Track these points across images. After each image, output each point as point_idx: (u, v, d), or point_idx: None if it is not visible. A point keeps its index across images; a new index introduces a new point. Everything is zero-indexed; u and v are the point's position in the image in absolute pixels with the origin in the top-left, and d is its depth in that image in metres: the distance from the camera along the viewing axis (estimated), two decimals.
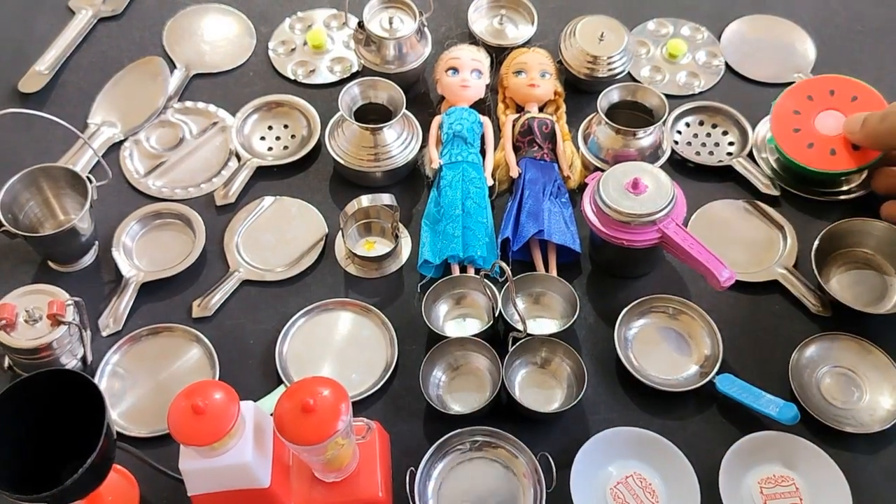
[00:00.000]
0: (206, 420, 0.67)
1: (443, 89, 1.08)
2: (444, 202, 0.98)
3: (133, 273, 0.97)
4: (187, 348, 0.93)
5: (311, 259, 0.99)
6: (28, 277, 0.97)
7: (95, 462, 0.67)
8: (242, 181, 1.05)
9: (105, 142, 1.09)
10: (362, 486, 0.77)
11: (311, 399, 0.67)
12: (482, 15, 1.20)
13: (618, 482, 0.83)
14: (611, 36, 1.10)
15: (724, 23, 1.22)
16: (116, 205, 1.03)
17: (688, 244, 0.88)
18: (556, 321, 0.93)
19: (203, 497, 0.72)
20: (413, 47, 1.09)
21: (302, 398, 0.67)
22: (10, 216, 0.93)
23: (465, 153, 1.01)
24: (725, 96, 1.14)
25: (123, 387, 0.90)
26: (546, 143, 1.03)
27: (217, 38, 1.21)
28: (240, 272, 0.98)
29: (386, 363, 0.91)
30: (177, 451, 0.70)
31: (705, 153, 1.08)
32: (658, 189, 0.90)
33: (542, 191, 0.98)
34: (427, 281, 0.96)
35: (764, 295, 0.97)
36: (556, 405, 0.87)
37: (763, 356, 0.92)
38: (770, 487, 0.82)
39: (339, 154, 1.03)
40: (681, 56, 1.18)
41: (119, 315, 0.94)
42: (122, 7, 1.24)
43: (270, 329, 0.94)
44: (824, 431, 0.86)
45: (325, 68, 1.17)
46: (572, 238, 0.96)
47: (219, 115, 1.12)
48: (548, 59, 1.10)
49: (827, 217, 1.01)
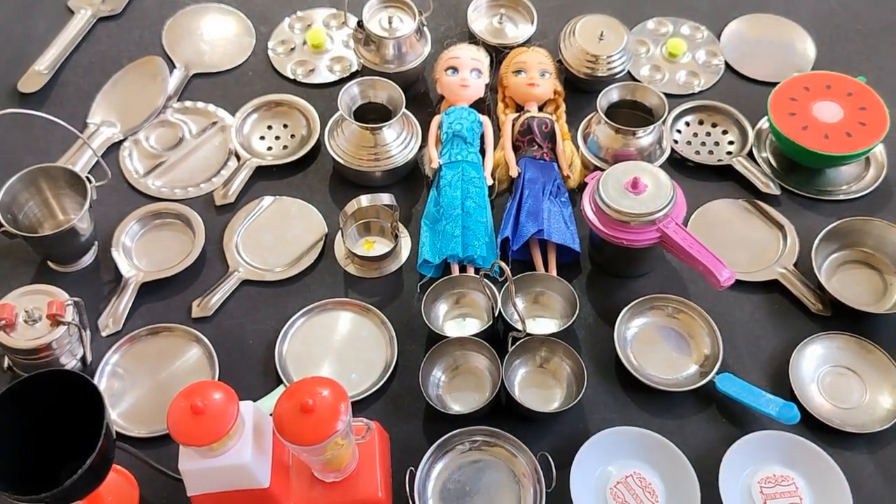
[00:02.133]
0: (206, 420, 0.67)
1: (442, 89, 1.08)
2: (444, 202, 0.98)
3: (132, 273, 0.97)
4: (187, 348, 0.93)
5: (311, 259, 0.99)
6: (28, 277, 0.97)
7: (95, 462, 0.67)
8: (242, 181, 1.05)
9: (104, 142, 1.09)
10: (362, 486, 0.77)
11: (310, 399, 0.67)
12: (482, 14, 1.20)
13: (618, 482, 0.83)
14: (610, 35, 1.10)
15: (723, 22, 1.22)
16: (116, 205, 1.02)
17: (687, 244, 0.88)
18: (555, 321, 0.93)
19: (202, 497, 0.72)
20: (412, 47, 1.09)
21: (301, 398, 0.67)
22: (9, 216, 0.93)
23: (464, 153, 1.01)
24: (725, 95, 1.14)
25: (123, 387, 0.90)
26: (546, 143, 1.03)
27: (216, 38, 1.21)
28: (239, 272, 0.98)
29: (385, 363, 0.91)
30: (176, 451, 0.70)
31: (705, 152, 1.08)
32: (658, 188, 0.90)
33: (542, 190, 0.98)
34: (427, 281, 0.96)
35: (764, 295, 0.97)
36: (555, 405, 0.87)
37: (763, 356, 0.92)
38: (770, 487, 0.82)
39: (338, 154, 1.03)
40: (680, 55, 1.18)
41: (118, 315, 0.94)
42: (121, 7, 1.24)
43: (270, 329, 0.94)
44: (824, 431, 0.86)
45: (325, 68, 1.17)
46: (572, 238, 0.96)
47: (218, 114, 1.12)
48: (547, 58, 1.10)
49: (827, 217, 1.01)
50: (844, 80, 1.05)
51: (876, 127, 1.00)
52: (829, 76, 1.06)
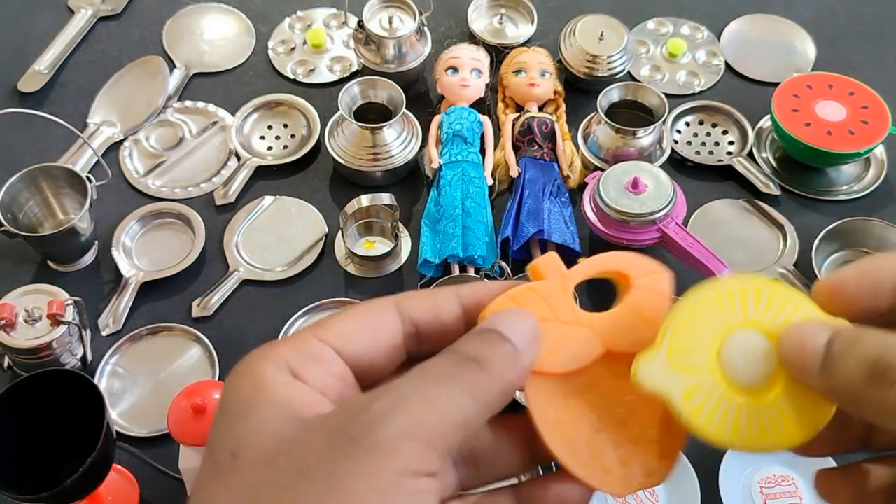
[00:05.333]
0: (206, 420, 0.67)
1: (442, 89, 1.08)
2: (444, 202, 0.98)
3: (133, 273, 0.97)
4: (187, 348, 0.93)
5: (311, 259, 0.99)
6: (28, 277, 0.97)
7: (95, 462, 0.67)
8: (242, 181, 1.05)
9: (104, 141, 1.09)
10: None
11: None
12: (482, 14, 1.20)
13: None
14: (611, 35, 1.10)
15: (723, 22, 1.22)
16: (116, 204, 1.02)
17: (688, 244, 0.88)
18: None
19: None
20: (413, 46, 1.09)
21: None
22: (9, 216, 0.93)
23: (464, 153, 1.01)
24: (725, 95, 1.14)
25: (123, 386, 0.90)
26: (546, 143, 1.03)
27: (217, 38, 1.21)
28: (239, 272, 0.98)
29: None
30: (177, 451, 0.70)
31: (705, 152, 1.08)
32: (658, 188, 0.90)
33: (542, 190, 0.98)
34: (427, 281, 0.96)
35: None
36: None
37: None
38: (770, 487, 0.82)
39: (338, 153, 1.03)
40: (680, 55, 1.18)
41: (119, 315, 0.94)
42: (121, 6, 1.23)
43: (270, 329, 0.94)
44: None
45: (325, 68, 1.17)
46: (572, 238, 0.96)
47: (218, 114, 1.12)
48: (547, 58, 1.10)
49: (827, 217, 1.01)
50: (846, 80, 1.05)
51: (878, 125, 1.00)
52: (831, 77, 1.06)
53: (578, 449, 0.36)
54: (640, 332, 0.38)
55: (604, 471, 0.36)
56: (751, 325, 0.36)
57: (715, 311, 0.37)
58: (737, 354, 0.36)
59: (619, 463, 0.36)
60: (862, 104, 1.03)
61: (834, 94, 1.04)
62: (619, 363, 0.38)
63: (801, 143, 1.00)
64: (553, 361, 0.37)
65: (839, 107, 1.02)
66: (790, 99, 1.04)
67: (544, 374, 0.37)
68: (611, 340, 0.38)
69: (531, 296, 0.38)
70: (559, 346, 0.38)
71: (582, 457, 0.36)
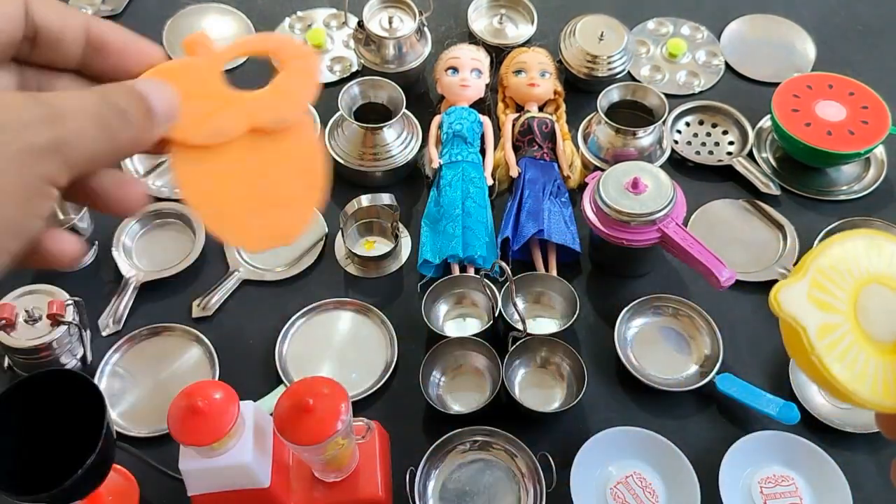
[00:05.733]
0: (206, 420, 0.67)
1: (442, 89, 1.08)
2: (444, 202, 0.98)
3: (133, 273, 0.97)
4: (187, 348, 0.93)
5: (311, 259, 0.99)
6: (28, 277, 0.97)
7: (95, 462, 0.67)
8: None
9: None
10: (362, 485, 0.77)
11: (310, 399, 0.67)
12: (482, 14, 1.20)
13: (618, 482, 0.83)
14: (611, 35, 1.10)
15: (724, 22, 1.22)
16: None
17: (688, 244, 0.88)
18: (556, 321, 0.93)
19: (203, 497, 0.72)
20: (413, 47, 1.09)
21: (302, 398, 0.67)
22: None
23: (464, 153, 1.01)
24: (725, 96, 1.14)
25: (123, 387, 0.90)
26: (546, 143, 1.03)
27: (217, 38, 1.20)
28: (239, 272, 0.98)
29: (386, 363, 0.91)
30: (177, 451, 0.70)
31: (705, 153, 1.08)
32: (658, 188, 0.90)
33: (542, 190, 0.98)
34: (427, 281, 0.96)
35: (764, 295, 0.96)
36: (556, 405, 0.87)
37: (763, 356, 0.92)
38: (770, 487, 0.82)
39: (338, 154, 1.03)
40: (681, 55, 1.18)
41: (119, 315, 0.94)
42: (121, 6, 1.24)
43: (270, 329, 0.94)
44: (824, 431, 0.86)
45: (325, 68, 1.17)
46: (572, 238, 0.96)
47: None
48: (548, 58, 1.10)
49: (827, 217, 1.01)
50: (845, 81, 1.05)
51: (878, 125, 1.00)
52: (831, 77, 1.06)
53: (220, 211, 0.40)
54: (284, 111, 0.42)
55: (242, 230, 0.41)
56: (890, 280, 0.37)
57: (861, 259, 0.37)
58: (874, 307, 0.37)
59: (257, 226, 0.41)
60: (862, 104, 1.03)
61: (834, 95, 1.04)
62: (263, 139, 0.41)
63: (801, 143, 1.01)
64: (197, 133, 0.40)
65: (839, 107, 1.02)
66: (790, 99, 1.04)
67: (191, 145, 0.40)
68: (256, 117, 0.41)
69: (181, 71, 0.41)
70: (204, 120, 0.40)
71: (222, 218, 0.41)
